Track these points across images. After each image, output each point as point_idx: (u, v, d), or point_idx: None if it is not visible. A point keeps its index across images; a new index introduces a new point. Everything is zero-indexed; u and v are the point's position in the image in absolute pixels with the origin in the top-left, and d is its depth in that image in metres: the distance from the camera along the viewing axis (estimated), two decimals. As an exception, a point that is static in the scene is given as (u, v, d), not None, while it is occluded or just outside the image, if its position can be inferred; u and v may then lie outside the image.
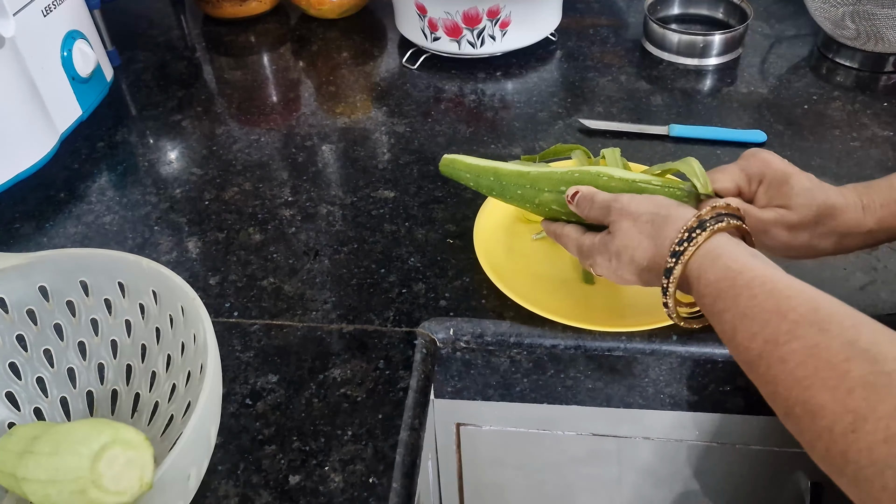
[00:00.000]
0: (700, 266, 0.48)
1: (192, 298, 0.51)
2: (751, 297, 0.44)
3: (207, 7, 1.10)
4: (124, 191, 0.82)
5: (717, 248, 0.48)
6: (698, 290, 0.48)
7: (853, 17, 0.91)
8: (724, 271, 0.46)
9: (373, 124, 0.90)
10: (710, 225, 0.49)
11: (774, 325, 0.41)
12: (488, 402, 0.70)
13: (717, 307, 0.46)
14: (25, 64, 0.79)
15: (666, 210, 0.52)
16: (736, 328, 0.44)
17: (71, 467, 0.40)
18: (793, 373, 0.39)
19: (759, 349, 0.42)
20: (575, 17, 1.08)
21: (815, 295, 0.42)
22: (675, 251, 0.49)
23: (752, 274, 0.45)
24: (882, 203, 0.55)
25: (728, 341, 0.45)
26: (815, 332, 0.39)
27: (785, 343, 0.40)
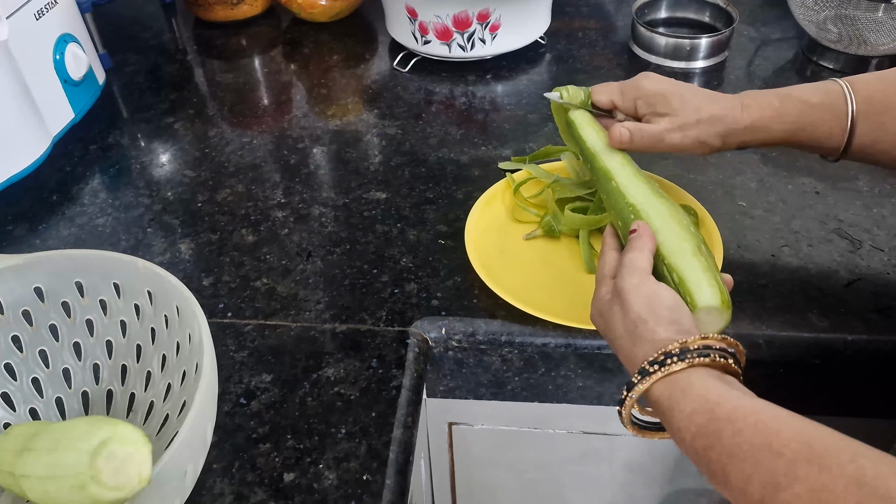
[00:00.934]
0: (670, 397, 0.44)
1: (188, 298, 0.52)
2: (735, 433, 0.40)
3: (199, 10, 1.11)
4: (117, 193, 0.82)
5: (688, 378, 0.44)
6: (674, 424, 0.44)
7: (836, 21, 0.92)
8: (697, 403, 0.43)
9: (364, 126, 0.91)
10: (691, 358, 0.45)
11: (769, 464, 0.38)
12: (480, 400, 0.71)
13: (698, 445, 0.42)
14: (18, 67, 0.79)
15: (655, 324, 0.48)
16: (727, 469, 0.40)
17: (70, 463, 0.40)
18: None
19: (758, 495, 0.38)
20: (564, 21, 1.09)
21: (803, 426, 0.39)
22: (644, 369, 0.46)
23: (731, 406, 0.41)
24: (760, 104, 0.60)
25: (719, 484, 0.41)
26: (815, 471, 0.36)
27: (787, 487, 0.37)
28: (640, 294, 0.50)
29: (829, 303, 0.66)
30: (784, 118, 0.59)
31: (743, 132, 0.60)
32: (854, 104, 0.57)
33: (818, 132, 0.59)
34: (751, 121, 0.59)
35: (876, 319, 0.65)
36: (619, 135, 0.62)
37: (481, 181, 0.80)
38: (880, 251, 0.71)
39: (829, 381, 0.67)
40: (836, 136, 0.58)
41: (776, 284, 0.68)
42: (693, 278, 0.53)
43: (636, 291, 0.50)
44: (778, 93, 0.60)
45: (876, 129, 0.57)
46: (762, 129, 0.60)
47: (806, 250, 0.71)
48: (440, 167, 0.83)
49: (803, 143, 0.60)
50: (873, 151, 0.58)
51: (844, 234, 0.73)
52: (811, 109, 0.58)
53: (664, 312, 0.49)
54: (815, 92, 0.59)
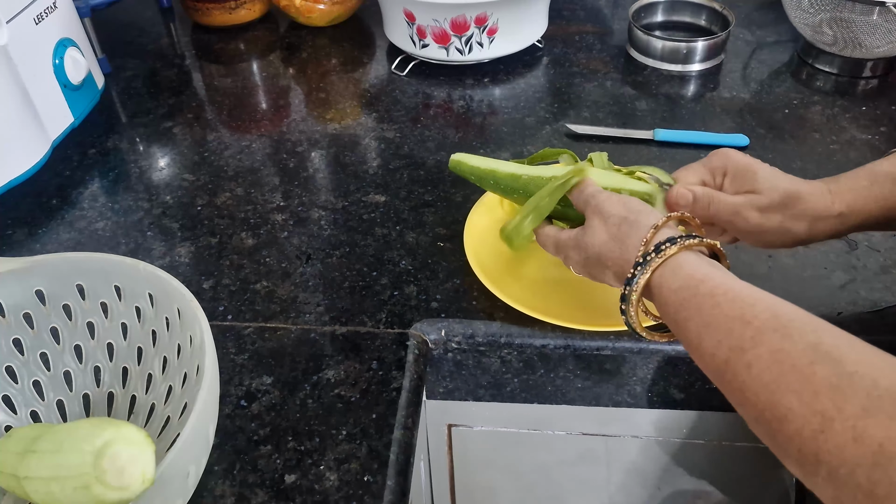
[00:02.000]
0: (661, 275, 0.48)
1: (189, 300, 0.52)
2: (714, 306, 0.44)
3: (197, 15, 1.11)
4: (116, 197, 0.83)
5: (679, 259, 0.48)
6: (660, 299, 0.49)
7: (831, 24, 0.93)
8: (685, 280, 0.47)
9: (363, 130, 0.91)
10: (682, 241, 0.49)
11: (738, 332, 0.42)
12: (479, 402, 0.71)
13: (680, 316, 0.46)
14: (18, 71, 0.79)
15: (635, 215, 0.52)
16: (701, 337, 0.44)
17: (74, 464, 0.40)
18: (759, 378, 0.40)
19: (724, 356, 0.42)
20: (561, 25, 1.10)
21: (775, 302, 0.43)
22: (640, 261, 0.49)
23: (714, 283, 0.45)
24: (849, 188, 0.57)
25: (694, 351, 0.45)
26: (778, 337, 0.40)
27: (750, 349, 0.41)
28: (614, 199, 0.55)
29: (824, 304, 0.67)
30: (878, 199, 0.56)
31: (835, 219, 0.57)
32: None
33: None
34: (845, 206, 0.57)
35: (872, 320, 0.65)
36: (678, 197, 0.59)
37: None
38: (876, 252, 0.71)
39: (826, 381, 0.67)
40: None
41: (773, 285, 0.68)
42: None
43: (610, 199, 0.55)
44: (862, 172, 0.58)
45: None
46: (858, 214, 0.57)
47: (802, 251, 0.71)
48: (438, 170, 0.84)
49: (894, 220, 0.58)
50: None
51: (840, 235, 0.73)
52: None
53: (639, 206, 0.54)
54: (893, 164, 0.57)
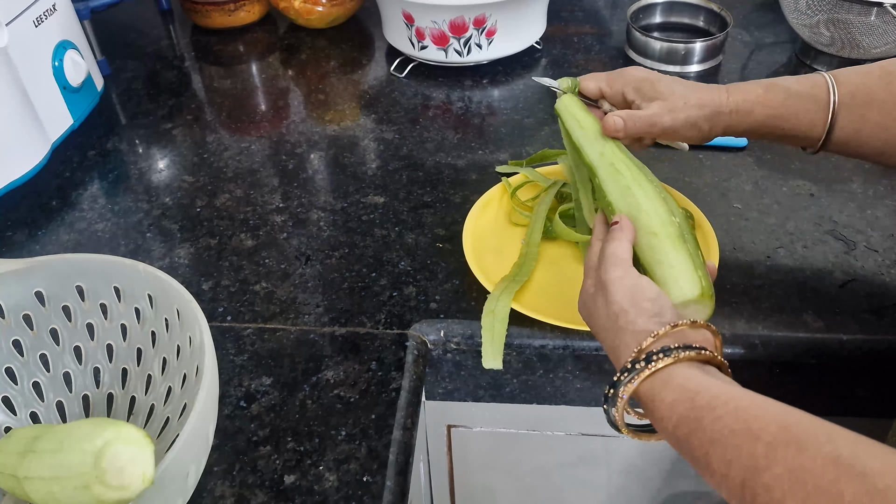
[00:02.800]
0: (651, 387, 0.45)
1: (189, 301, 0.52)
2: (715, 420, 0.41)
3: (196, 17, 1.11)
4: (116, 198, 0.83)
5: (670, 371, 0.45)
6: (655, 414, 0.45)
7: (828, 25, 0.93)
8: (678, 392, 0.44)
9: (362, 131, 0.92)
10: (677, 352, 0.45)
11: (749, 448, 0.39)
12: (478, 403, 0.71)
13: (680, 432, 0.43)
14: (17, 73, 0.80)
15: (636, 315, 0.49)
16: (708, 455, 0.41)
17: (74, 464, 0.41)
18: (783, 502, 0.37)
19: (739, 478, 0.39)
20: (559, 26, 1.10)
21: (780, 410, 0.40)
22: (628, 367, 0.46)
23: (711, 394, 0.43)
24: (744, 90, 0.61)
25: (703, 470, 0.42)
26: (793, 453, 0.37)
27: (766, 469, 0.38)
28: (622, 286, 0.51)
29: (824, 303, 0.67)
30: (767, 104, 0.60)
31: (728, 116, 0.61)
32: (836, 95, 0.58)
33: (801, 121, 0.60)
34: (735, 104, 0.61)
35: (870, 320, 0.65)
36: (613, 123, 0.63)
37: (478, 185, 0.81)
38: (874, 252, 0.71)
39: (824, 382, 0.67)
40: (818, 125, 0.59)
41: (771, 285, 0.68)
42: (671, 271, 0.54)
43: (619, 283, 0.51)
44: (762, 82, 0.62)
45: (857, 121, 0.58)
46: (746, 113, 0.61)
47: (801, 251, 0.72)
48: (437, 171, 0.84)
49: (786, 131, 0.61)
50: (855, 143, 0.60)
51: (839, 235, 0.73)
52: (794, 98, 0.60)
53: (646, 304, 0.49)
54: (798, 82, 0.61)
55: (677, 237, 0.56)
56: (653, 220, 0.57)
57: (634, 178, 0.60)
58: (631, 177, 0.60)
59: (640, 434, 0.50)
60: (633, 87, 0.64)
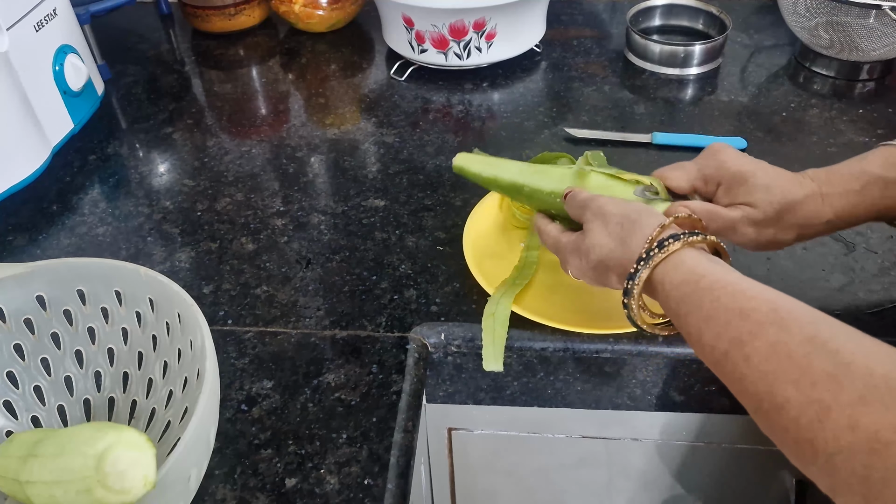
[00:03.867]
0: (664, 271, 0.49)
1: (190, 305, 0.52)
2: (714, 300, 0.45)
3: (197, 21, 1.11)
4: (117, 202, 0.83)
5: (681, 255, 0.49)
6: (662, 294, 0.50)
7: (827, 28, 0.94)
8: (686, 275, 0.48)
9: (362, 135, 0.92)
10: (685, 237, 0.49)
11: (737, 325, 0.43)
12: (479, 405, 0.71)
13: (681, 310, 0.47)
14: (18, 78, 0.80)
15: (636, 215, 0.53)
16: (701, 330, 0.45)
17: (76, 468, 0.41)
18: (758, 368, 0.41)
19: (724, 349, 0.43)
20: (559, 29, 1.10)
21: (774, 296, 0.44)
22: (643, 257, 0.50)
23: (714, 277, 0.46)
24: (840, 193, 0.57)
25: (694, 343, 0.46)
26: (776, 330, 0.41)
27: (749, 342, 0.42)
28: (614, 201, 0.56)
29: (823, 305, 0.67)
30: (866, 203, 0.57)
31: (824, 225, 0.58)
32: None
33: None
34: (834, 213, 0.57)
35: (870, 321, 0.65)
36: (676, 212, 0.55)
37: (478, 188, 0.80)
38: (874, 254, 0.71)
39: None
40: None
41: (771, 287, 0.68)
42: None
43: (610, 201, 0.56)
44: (853, 171, 0.57)
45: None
46: (846, 219, 0.58)
47: (800, 253, 0.72)
48: (438, 174, 0.84)
49: (882, 218, 0.59)
50: None
51: (838, 237, 0.73)
52: (892, 188, 0.57)
53: (639, 206, 0.54)
54: (885, 167, 0.57)
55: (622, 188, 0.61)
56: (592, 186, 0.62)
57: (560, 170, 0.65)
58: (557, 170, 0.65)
59: (656, 328, 0.54)
60: (726, 186, 0.59)
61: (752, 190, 0.57)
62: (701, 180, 0.60)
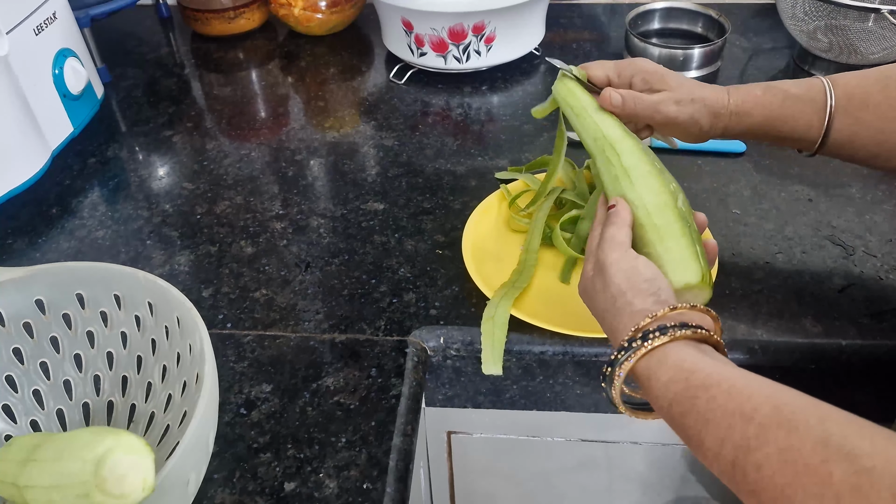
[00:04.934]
0: (647, 366, 0.46)
1: (189, 309, 0.52)
2: (709, 400, 0.42)
3: (196, 24, 1.11)
4: (116, 206, 0.83)
5: (665, 349, 0.46)
6: (651, 392, 0.46)
7: (826, 31, 0.94)
8: (674, 371, 0.45)
9: (361, 138, 0.92)
10: (673, 331, 0.46)
11: (741, 429, 0.40)
12: (478, 409, 0.71)
13: (674, 411, 0.44)
14: (18, 82, 0.80)
15: (633, 296, 0.50)
16: (701, 435, 0.42)
17: (75, 472, 0.41)
18: (772, 480, 0.37)
19: (731, 457, 0.40)
20: (558, 32, 1.10)
21: (773, 391, 0.41)
22: (624, 346, 0.47)
23: (705, 373, 0.43)
24: (744, 92, 0.62)
25: (696, 449, 0.43)
26: (784, 434, 0.38)
27: (757, 449, 0.38)
28: (619, 268, 0.52)
29: (822, 308, 0.67)
30: (766, 105, 0.61)
31: (727, 117, 0.62)
32: (833, 98, 0.59)
33: (798, 123, 0.61)
34: (735, 106, 0.62)
35: (869, 324, 0.65)
36: (611, 97, 0.63)
37: (478, 191, 0.81)
38: (873, 257, 0.71)
39: (824, 386, 0.67)
40: (815, 128, 0.60)
41: (770, 290, 0.69)
42: (671, 256, 0.55)
43: (616, 266, 0.53)
44: (761, 84, 0.63)
45: (854, 124, 0.59)
46: (744, 114, 0.62)
47: (799, 256, 0.72)
48: (437, 178, 0.84)
49: (783, 133, 0.62)
50: (850, 146, 0.60)
51: (837, 240, 0.73)
52: (792, 100, 0.61)
53: (643, 285, 0.51)
54: (796, 85, 0.62)
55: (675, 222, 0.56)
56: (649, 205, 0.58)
57: (625, 166, 0.60)
58: (620, 165, 0.60)
59: (638, 412, 0.51)
60: (642, 77, 0.64)
61: (666, 79, 0.63)
62: (615, 74, 0.65)
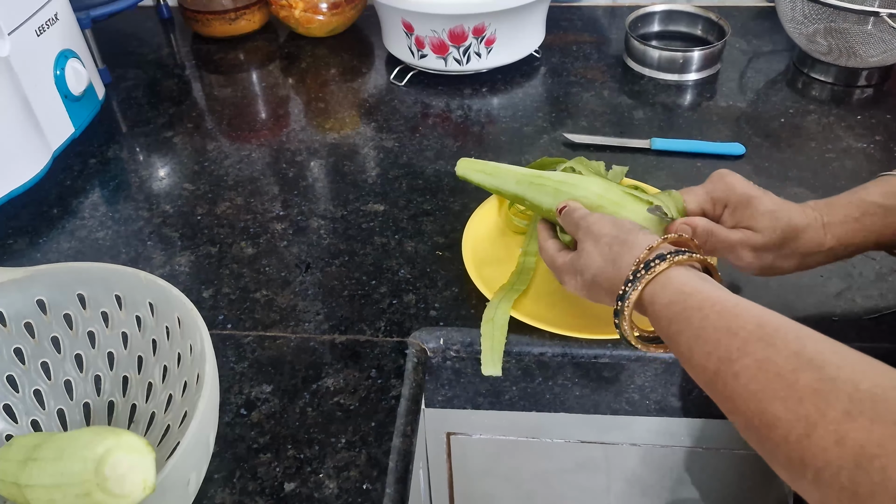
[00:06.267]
0: (652, 291, 0.50)
1: (190, 309, 0.52)
2: (702, 319, 0.45)
3: (197, 26, 1.12)
4: (117, 206, 0.83)
5: (669, 275, 0.50)
6: (653, 314, 0.50)
7: (826, 34, 0.94)
8: (675, 294, 0.48)
9: (362, 139, 0.92)
10: (671, 257, 0.50)
11: (726, 343, 0.43)
12: (478, 410, 0.72)
13: (671, 329, 0.48)
14: (19, 82, 0.80)
15: (626, 234, 0.54)
16: (691, 349, 0.46)
17: (76, 472, 0.41)
18: (746, 387, 0.41)
19: (714, 367, 0.43)
20: (558, 35, 1.10)
21: (760, 312, 0.44)
22: (630, 278, 0.51)
23: (702, 296, 0.47)
24: (841, 221, 0.58)
25: (685, 362, 0.47)
26: (763, 346, 0.41)
27: (737, 359, 0.42)
28: (604, 221, 0.57)
29: (822, 310, 0.67)
30: (867, 230, 0.58)
31: (825, 254, 0.59)
32: None
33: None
34: (834, 241, 0.58)
35: (868, 327, 0.65)
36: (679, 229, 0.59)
37: (478, 193, 0.81)
38: (872, 259, 0.72)
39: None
40: None
41: (769, 292, 0.69)
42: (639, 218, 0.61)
43: (601, 221, 0.57)
44: (853, 200, 0.58)
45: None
46: (845, 247, 0.58)
47: (798, 259, 0.72)
48: (437, 179, 0.84)
49: (881, 247, 0.60)
50: None
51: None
52: (892, 215, 0.57)
53: (629, 225, 0.56)
54: (885, 195, 0.58)
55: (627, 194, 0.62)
56: (598, 189, 0.62)
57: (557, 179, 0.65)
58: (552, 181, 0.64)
59: (649, 345, 0.54)
60: (732, 208, 0.60)
61: (756, 214, 0.58)
62: (709, 203, 0.61)
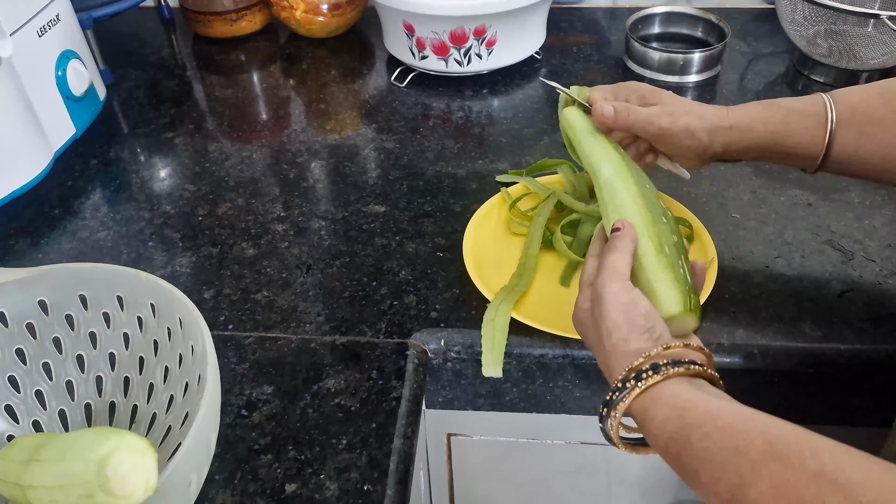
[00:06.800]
0: (642, 406, 0.46)
1: (191, 310, 0.52)
2: (703, 437, 0.42)
3: (198, 26, 1.12)
4: (118, 207, 0.83)
5: (658, 389, 0.46)
6: (648, 431, 0.46)
7: (826, 36, 0.94)
8: (668, 409, 0.45)
9: (362, 141, 0.92)
10: (665, 369, 0.46)
11: (735, 465, 0.40)
12: (478, 411, 0.72)
13: (671, 449, 0.44)
14: (21, 83, 0.80)
15: (628, 331, 0.49)
16: (698, 472, 0.42)
17: (78, 472, 0.41)
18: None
19: (728, 494, 0.40)
20: (559, 36, 1.10)
21: (767, 424, 0.41)
22: (619, 387, 0.47)
23: (699, 410, 0.43)
24: (744, 108, 0.62)
25: (694, 486, 0.43)
26: (779, 468, 0.38)
27: (752, 485, 0.38)
28: (618, 301, 0.51)
29: (821, 313, 0.67)
30: (767, 120, 0.61)
31: (728, 131, 0.62)
32: (834, 112, 0.59)
33: (801, 137, 0.60)
34: (735, 120, 0.62)
35: (868, 329, 0.66)
36: (602, 109, 0.64)
37: (478, 194, 0.81)
38: (872, 262, 0.72)
39: (822, 391, 0.68)
40: (818, 142, 0.60)
41: (770, 295, 0.69)
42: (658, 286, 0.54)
43: (615, 298, 0.51)
44: (763, 101, 0.63)
45: (858, 138, 0.59)
46: (746, 129, 0.61)
47: (799, 261, 0.72)
48: (437, 181, 0.85)
49: (785, 149, 0.61)
50: (854, 161, 0.60)
51: (836, 244, 0.74)
52: (794, 114, 0.61)
53: (640, 320, 0.50)
54: (798, 100, 0.62)
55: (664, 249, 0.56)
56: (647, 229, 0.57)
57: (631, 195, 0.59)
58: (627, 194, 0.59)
59: (637, 448, 0.50)
60: (637, 95, 0.65)
61: (660, 95, 0.64)
62: (612, 95, 0.66)
